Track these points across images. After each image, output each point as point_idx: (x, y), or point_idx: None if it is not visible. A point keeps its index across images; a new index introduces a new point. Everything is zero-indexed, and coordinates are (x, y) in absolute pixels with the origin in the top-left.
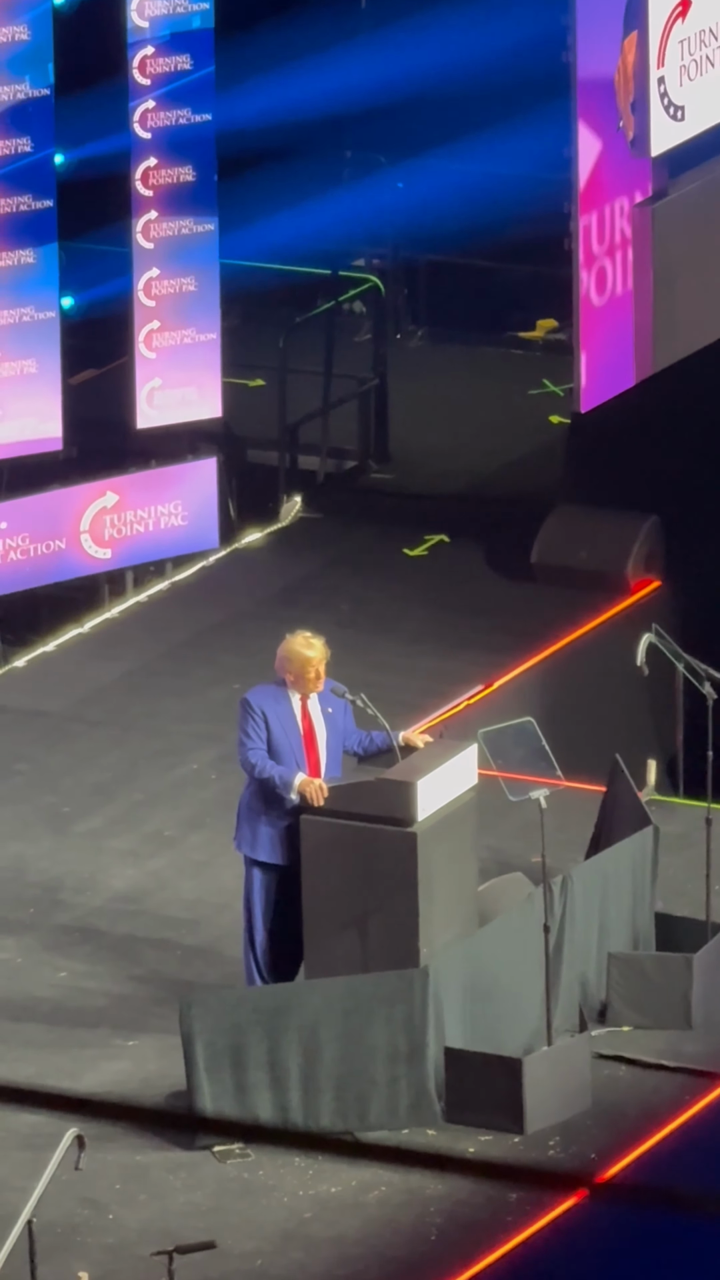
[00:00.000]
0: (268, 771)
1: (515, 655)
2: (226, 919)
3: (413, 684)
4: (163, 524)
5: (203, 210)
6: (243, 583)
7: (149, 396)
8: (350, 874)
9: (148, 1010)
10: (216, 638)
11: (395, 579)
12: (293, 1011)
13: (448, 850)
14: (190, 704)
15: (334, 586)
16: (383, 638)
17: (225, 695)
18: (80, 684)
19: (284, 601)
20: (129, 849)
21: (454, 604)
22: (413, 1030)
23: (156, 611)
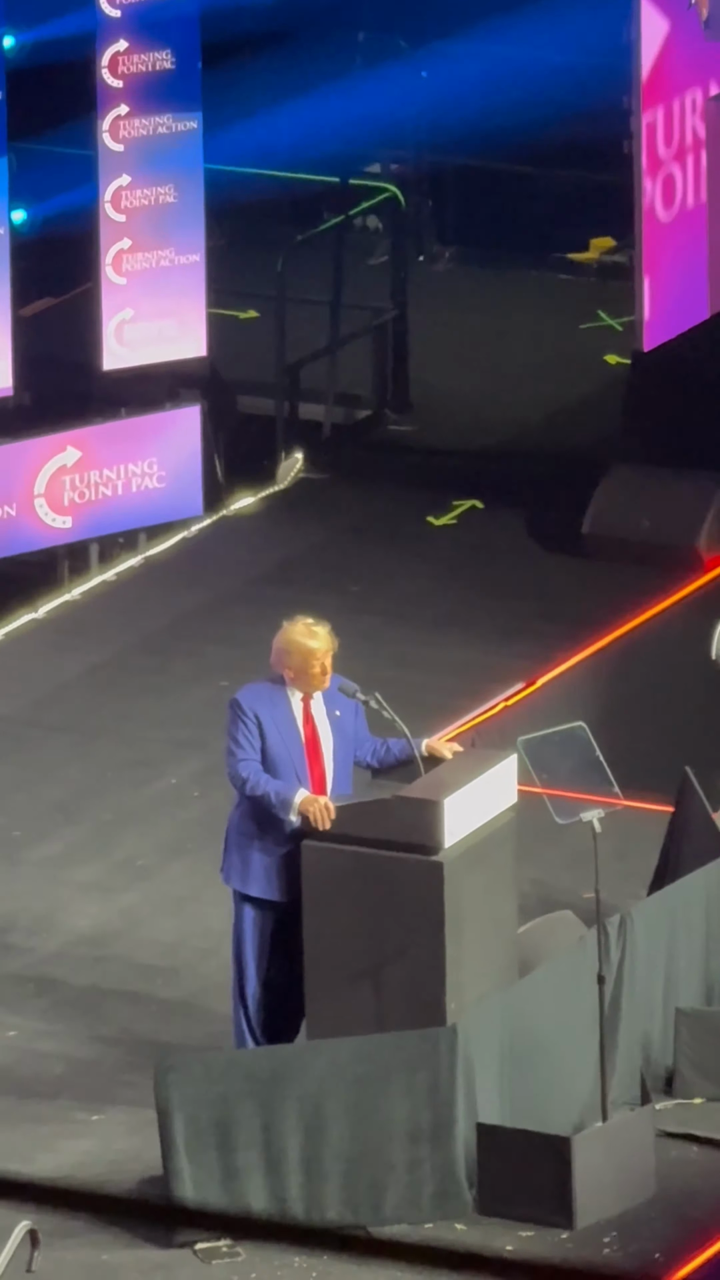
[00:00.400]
0: (262, 787)
1: (563, 646)
2: (212, 967)
3: (438, 681)
4: (134, 486)
5: (184, 104)
6: (232, 558)
7: (118, 331)
8: (362, 912)
9: (116, 1078)
10: (200, 625)
11: (417, 553)
12: (292, 1079)
13: (481, 883)
14: (168, 705)
15: (343, 563)
16: (402, 625)
17: (211, 695)
18: (35, 681)
19: (282, 581)
20: (94, 881)
21: (488, 584)
22: (438, 1102)
23: (127, 593)
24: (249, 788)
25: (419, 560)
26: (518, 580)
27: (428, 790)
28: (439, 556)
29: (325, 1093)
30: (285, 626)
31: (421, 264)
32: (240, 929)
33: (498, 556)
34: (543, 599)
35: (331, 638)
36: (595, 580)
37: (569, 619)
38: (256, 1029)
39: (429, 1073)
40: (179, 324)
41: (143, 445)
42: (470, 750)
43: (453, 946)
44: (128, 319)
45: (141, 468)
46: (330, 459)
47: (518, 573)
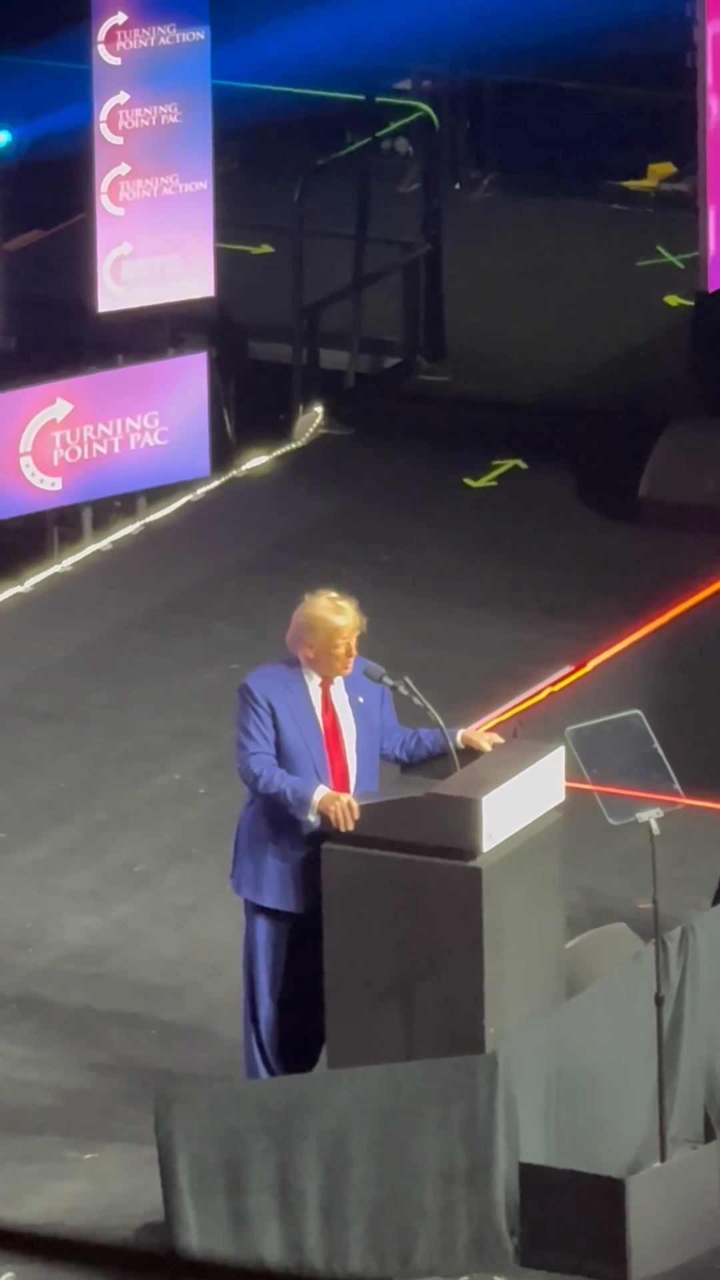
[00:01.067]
0: (276, 784)
1: (617, 624)
2: (219, 986)
3: (476, 663)
4: (133, 444)
5: (189, 12)
6: (243, 524)
7: (114, 268)
8: (390, 924)
9: (111, 1111)
10: (207, 600)
11: (453, 520)
12: (310, 1113)
13: (524, 892)
14: (171, 691)
15: (368, 530)
16: (435, 600)
17: (219, 679)
18: (20, 663)
19: (299, 551)
20: (86, 889)
21: (533, 554)
22: (475, 1139)
23: (124, 564)
24: (261, 784)
25: (454, 528)
26: (566, 550)
27: (464, 787)
28: (477, 523)
29: (348, 1128)
30: (307, 600)
31: (458, 192)
32: (252, 943)
33: (543, 523)
34: (594, 571)
35: (358, 615)
36: (653, 550)
37: (624, 593)
38: (270, 1056)
39: (465, 1106)
40: (183, 260)
41: (142, 397)
42: (512, 742)
43: (492, 963)
44: (125, 255)
45: (141, 423)
46: (354, 412)
47: (566, 541)
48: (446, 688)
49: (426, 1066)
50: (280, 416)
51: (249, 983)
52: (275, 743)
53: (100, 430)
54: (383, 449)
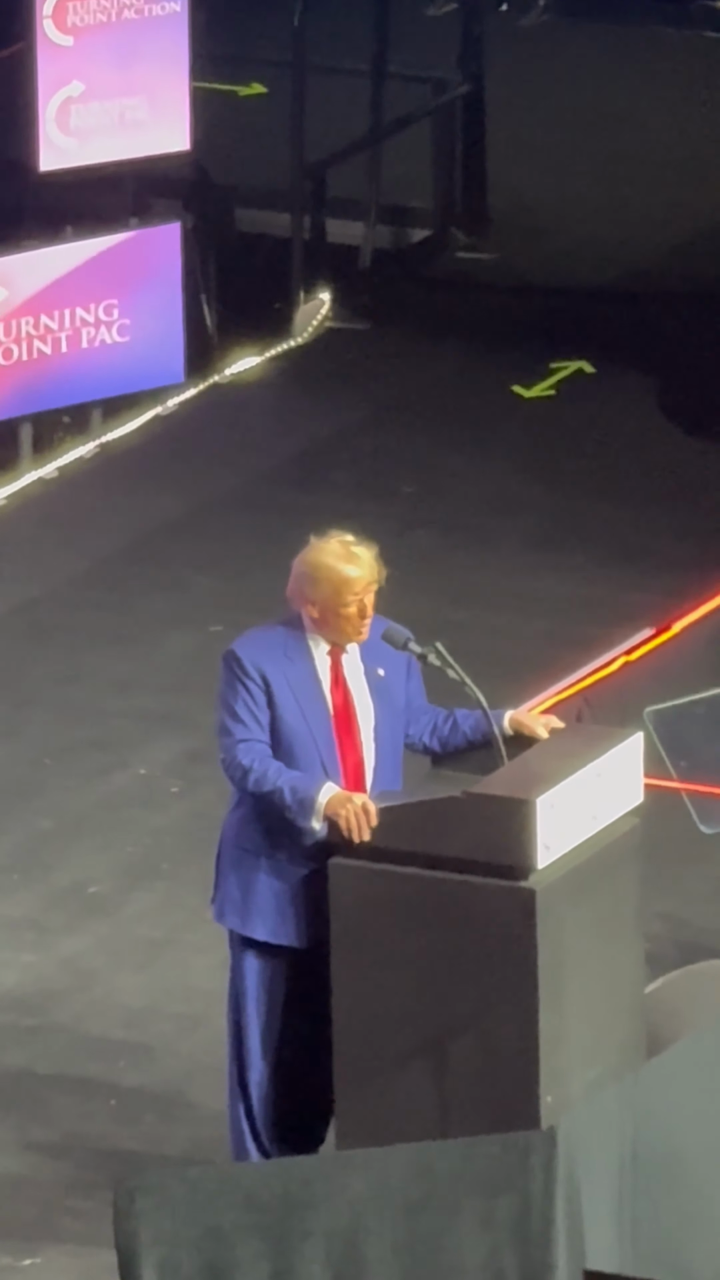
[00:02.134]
0: (271, 781)
1: (708, 575)
2: (196, 1042)
3: (528, 625)
4: (85, 341)
5: None
6: (227, 446)
7: (61, 115)
8: (417, 962)
9: (58, 1204)
10: (180, 544)
11: (498, 440)
12: (316, 1207)
13: (591, 920)
14: (134, 661)
15: (388, 453)
16: (476, 544)
17: (196, 645)
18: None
19: (300, 479)
20: (25, 917)
21: (601, 484)
22: (529, 1241)
23: (74, 497)
24: (252, 781)
25: (500, 450)
26: (644, 479)
27: (513, 785)
28: (529, 444)
29: (364, 1227)
30: (312, 544)
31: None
32: (240, 988)
33: (615, 444)
34: (680, 506)
35: (377, 564)
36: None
37: (717, 535)
38: (264, 1133)
39: (516, 1198)
40: (151, 104)
41: (97, 282)
42: (575, 727)
43: (550, 1013)
44: (75, 97)
45: (95, 314)
46: (371, 301)
47: (644, 468)
48: (490, 656)
49: (465, 1146)
50: (276, 306)
51: (236, 1038)
52: (271, 727)
53: (42, 324)
54: (408, 348)
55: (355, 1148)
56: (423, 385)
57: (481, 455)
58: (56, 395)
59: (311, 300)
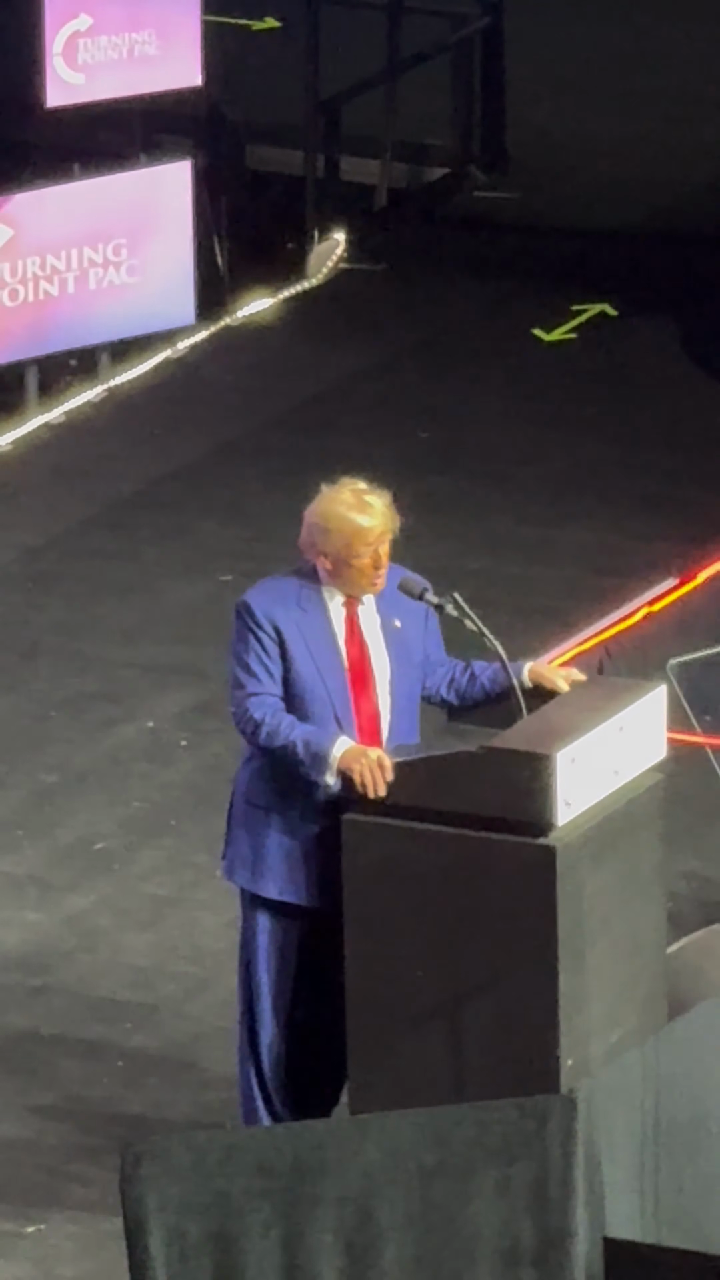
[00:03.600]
0: (284, 735)
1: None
2: (205, 1004)
3: (549, 574)
4: (93, 282)
5: None
6: (239, 390)
7: (68, 49)
8: (433, 921)
9: (61, 1170)
10: (189, 489)
11: (518, 383)
12: (328, 1173)
13: (613, 879)
14: (141, 611)
15: (405, 397)
16: (494, 491)
17: (205, 595)
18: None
19: (314, 424)
20: (28, 875)
21: (622, 430)
22: (546, 1208)
23: (81, 442)
24: (264, 735)
25: (521, 394)
26: (668, 424)
27: (533, 739)
28: (550, 388)
29: (377, 1193)
30: (324, 493)
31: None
32: (251, 948)
33: (638, 388)
34: (706, 452)
35: (392, 513)
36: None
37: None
38: (276, 1097)
39: (533, 1164)
40: (160, 38)
41: (104, 218)
42: (596, 679)
43: (570, 974)
44: (83, 31)
45: (103, 254)
46: (387, 241)
47: (668, 412)
48: (509, 606)
49: (481, 1111)
50: (289, 246)
51: (247, 1000)
52: (284, 680)
53: (49, 264)
54: (424, 289)
55: (368, 1112)
56: (440, 328)
57: (500, 400)
58: (64, 338)
59: (326, 240)
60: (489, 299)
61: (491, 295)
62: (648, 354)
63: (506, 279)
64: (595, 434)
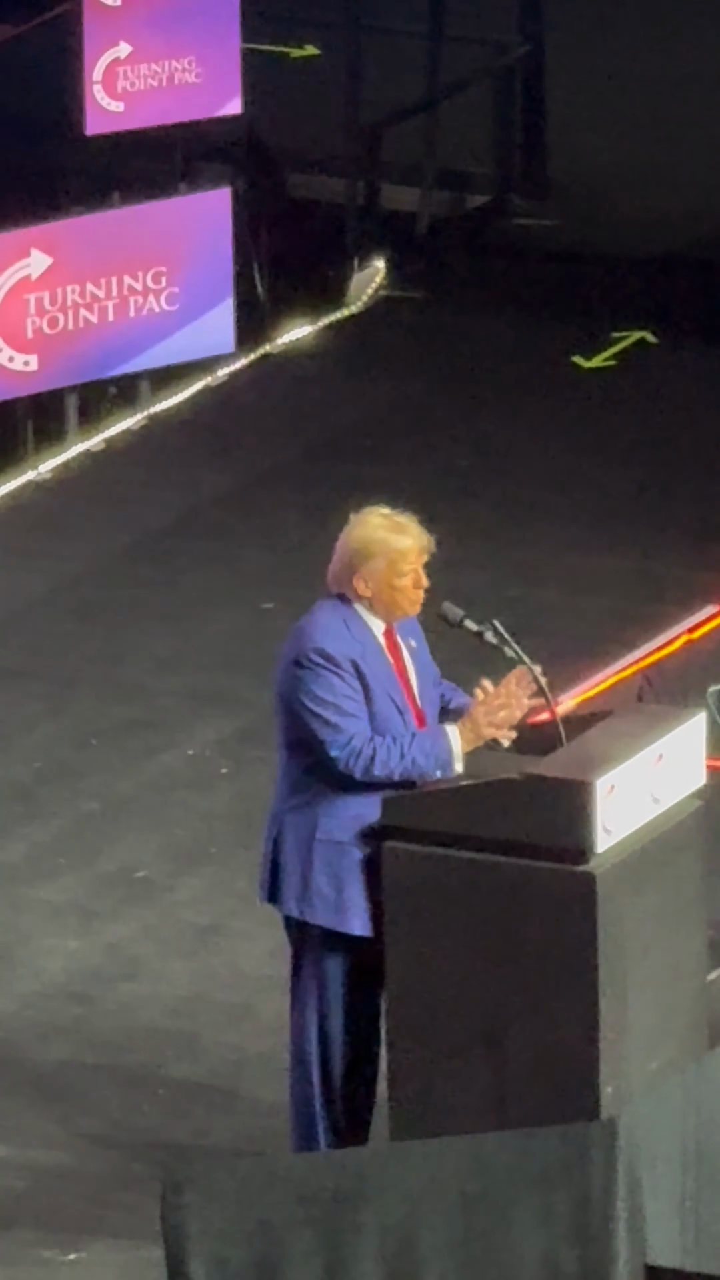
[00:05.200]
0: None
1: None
2: (246, 1031)
3: (589, 601)
4: (133, 310)
5: None
6: (278, 417)
7: (108, 77)
8: (473, 948)
9: (104, 1197)
10: (229, 516)
11: (558, 411)
12: (369, 1200)
13: (653, 906)
14: (183, 639)
15: (445, 424)
16: (535, 518)
17: (246, 622)
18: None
19: (354, 452)
20: (71, 902)
21: (662, 457)
22: (588, 1234)
23: (121, 469)
24: (379, 766)
25: (560, 421)
26: (705, 452)
27: (572, 766)
28: (590, 415)
29: (418, 1221)
30: (353, 521)
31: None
32: (322, 981)
33: (677, 415)
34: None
35: (426, 536)
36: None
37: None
38: (340, 1123)
39: (575, 1191)
40: (200, 65)
41: (146, 248)
42: (636, 707)
43: (610, 1001)
44: (122, 58)
45: (143, 282)
46: (427, 268)
47: (705, 440)
48: (548, 634)
49: (522, 1138)
50: (329, 273)
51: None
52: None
53: (89, 292)
54: (465, 317)
55: (409, 1139)
56: (480, 355)
57: (540, 427)
58: (104, 365)
59: (366, 268)
60: (529, 326)
61: (531, 322)
62: (687, 381)
63: (546, 306)
64: (634, 461)
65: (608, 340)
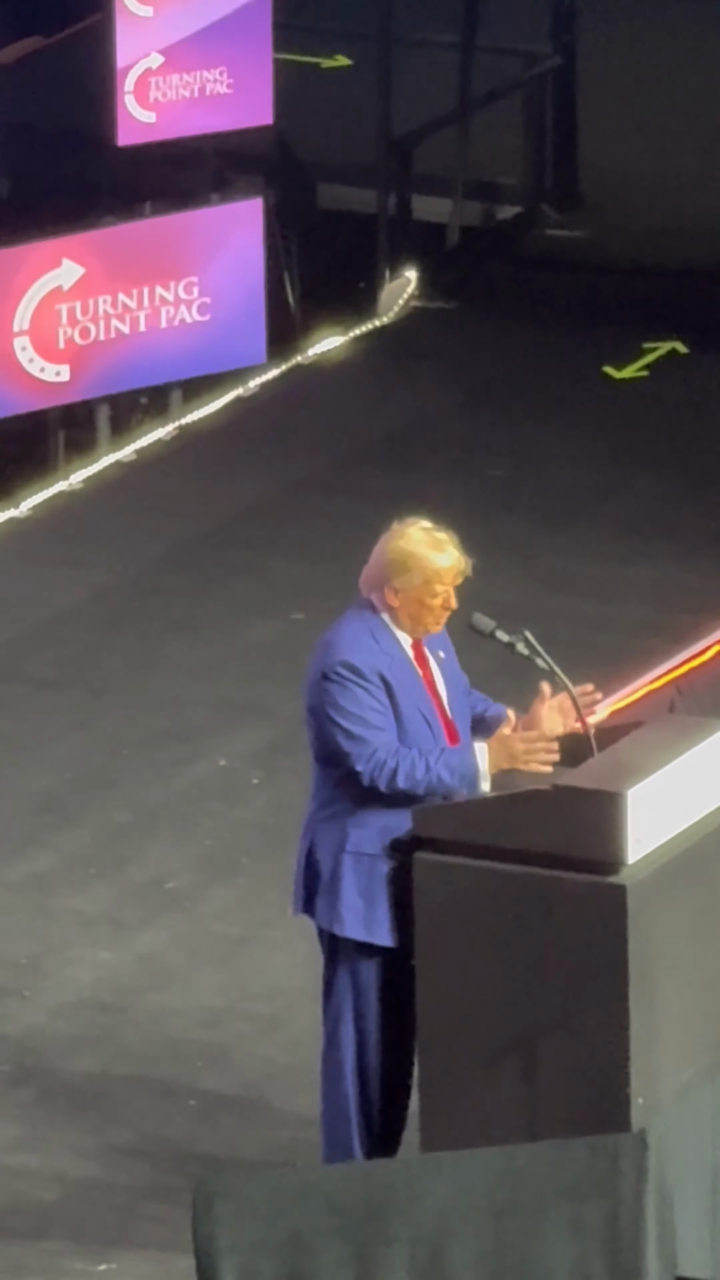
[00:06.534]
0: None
1: None
2: (278, 1043)
3: (621, 612)
4: (165, 320)
5: None
6: (310, 428)
7: (140, 87)
8: (505, 960)
9: (133, 1208)
10: (260, 528)
11: (589, 422)
12: (400, 1212)
13: (685, 917)
14: (212, 649)
15: (477, 436)
16: (567, 528)
17: (277, 633)
18: (14, 612)
19: (385, 462)
20: (101, 913)
21: (695, 467)
22: (618, 1247)
23: (152, 479)
24: (403, 778)
25: (591, 433)
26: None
27: (603, 777)
28: (621, 426)
29: (449, 1232)
30: (395, 530)
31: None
32: (358, 997)
33: (709, 426)
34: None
35: (461, 553)
36: None
37: None
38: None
39: (605, 1202)
40: (232, 76)
41: (177, 259)
42: (667, 717)
43: (641, 1012)
44: (155, 69)
45: (175, 292)
46: (459, 279)
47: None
48: (581, 644)
49: (553, 1150)
50: (360, 284)
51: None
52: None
53: (120, 303)
54: (496, 328)
55: (440, 1150)
56: (511, 366)
57: (572, 438)
58: (135, 376)
59: (397, 279)
60: (560, 337)
61: (563, 333)
62: (718, 392)
63: (578, 317)
64: (667, 471)
65: (639, 351)
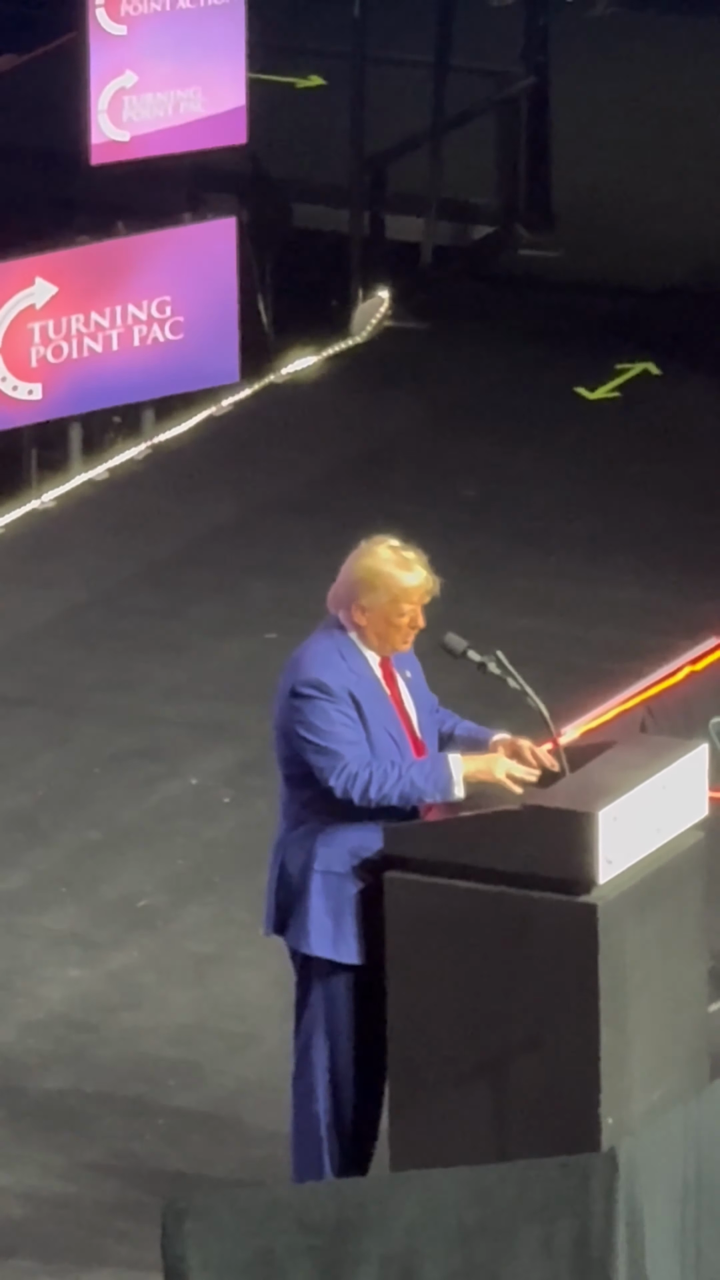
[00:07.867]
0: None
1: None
2: (248, 1060)
3: (592, 634)
4: (137, 339)
5: None
6: (283, 448)
7: (114, 106)
8: (475, 979)
9: (103, 1225)
10: (233, 548)
11: (562, 442)
12: (370, 1230)
13: (655, 937)
14: (185, 667)
15: (449, 455)
16: (539, 549)
17: (249, 652)
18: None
19: (358, 482)
20: (72, 931)
21: (666, 489)
22: (588, 1265)
23: (124, 499)
24: (374, 790)
25: (563, 453)
26: (710, 483)
27: (575, 797)
28: (593, 447)
29: (419, 1251)
30: (363, 549)
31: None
32: (330, 1016)
33: (681, 447)
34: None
35: (429, 572)
36: None
37: None
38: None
39: (575, 1223)
40: (206, 95)
41: (150, 277)
42: (639, 738)
43: (611, 1032)
44: (129, 88)
45: (147, 311)
46: (432, 299)
47: (711, 472)
48: (552, 665)
49: (523, 1169)
50: (333, 304)
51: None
52: None
53: (93, 321)
54: (469, 348)
55: (410, 1169)
56: (484, 386)
57: (544, 459)
58: (108, 394)
59: (370, 298)
60: (533, 357)
61: (535, 354)
62: (691, 413)
63: (550, 337)
64: (638, 493)
65: (612, 372)
